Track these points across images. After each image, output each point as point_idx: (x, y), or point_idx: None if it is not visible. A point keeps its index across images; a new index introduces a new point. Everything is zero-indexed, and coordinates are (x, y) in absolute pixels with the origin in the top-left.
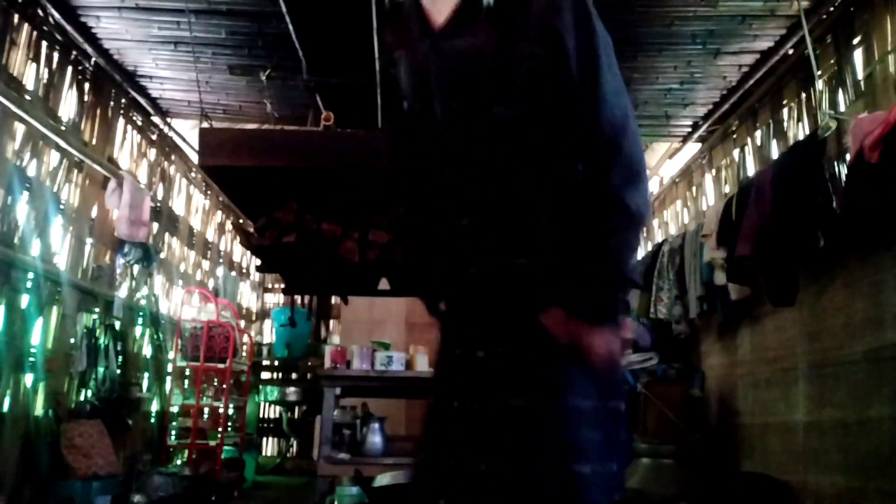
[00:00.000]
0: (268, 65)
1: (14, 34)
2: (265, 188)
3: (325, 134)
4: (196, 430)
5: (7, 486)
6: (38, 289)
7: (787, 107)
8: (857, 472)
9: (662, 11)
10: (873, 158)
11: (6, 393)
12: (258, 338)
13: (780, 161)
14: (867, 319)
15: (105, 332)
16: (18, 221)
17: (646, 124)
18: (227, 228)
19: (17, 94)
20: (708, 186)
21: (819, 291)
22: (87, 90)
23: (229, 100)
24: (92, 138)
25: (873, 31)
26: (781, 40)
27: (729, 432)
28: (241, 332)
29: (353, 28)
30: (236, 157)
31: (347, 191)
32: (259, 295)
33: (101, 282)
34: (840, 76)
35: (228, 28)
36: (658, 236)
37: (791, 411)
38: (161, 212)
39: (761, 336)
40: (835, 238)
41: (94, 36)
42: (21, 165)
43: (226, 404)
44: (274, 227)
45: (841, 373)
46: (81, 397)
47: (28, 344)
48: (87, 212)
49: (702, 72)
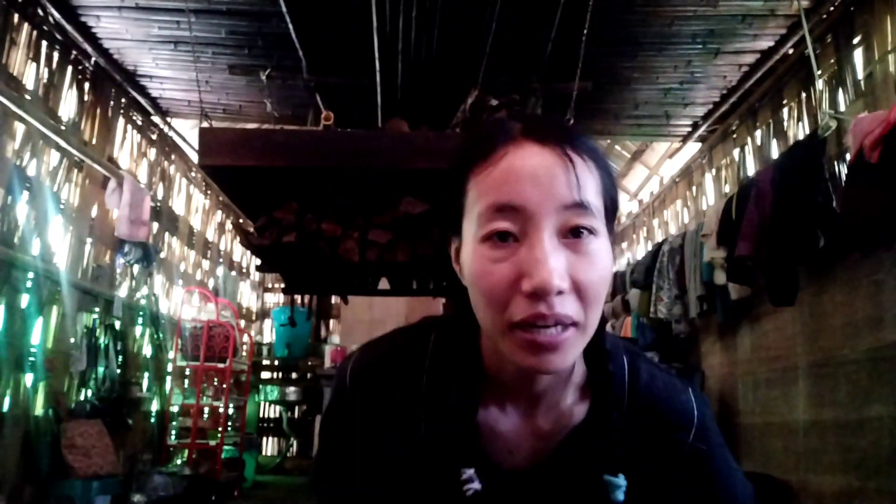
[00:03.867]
0: (268, 64)
1: (14, 34)
2: (265, 188)
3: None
4: (196, 430)
5: (7, 486)
6: (38, 289)
7: (787, 106)
8: (857, 472)
9: (662, 11)
10: (873, 158)
11: (6, 393)
12: (258, 337)
13: (781, 161)
14: (867, 319)
15: (105, 332)
16: (18, 221)
17: (646, 124)
18: (227, 228)
19: (17, 94)
20: (708, 186)
21: (819, 291)
22: (86, 90)
23: (229, 99)
24: (92, 138)
25: (873, 30)
26: (781, 40)
27: (729, 432)
28: (241, 332)
29: (353, 28)
30: (236, 156)
31: (347, 191)
32: (259, 295)
33: (101, 282)
34: (840, 76)
35: (228, 28)
36: (658, 236)
37: (791, 411)
38: (161, 211)
39: (761, 336)
40: (835, 238)
41: (94, 35)
42: (21, 165)
43: (226, 404)
44: (274, 227)
45: (841, 373)
46: (81, 397)
47: (28, 344)
48: (87, 211)
49: (702, 72)
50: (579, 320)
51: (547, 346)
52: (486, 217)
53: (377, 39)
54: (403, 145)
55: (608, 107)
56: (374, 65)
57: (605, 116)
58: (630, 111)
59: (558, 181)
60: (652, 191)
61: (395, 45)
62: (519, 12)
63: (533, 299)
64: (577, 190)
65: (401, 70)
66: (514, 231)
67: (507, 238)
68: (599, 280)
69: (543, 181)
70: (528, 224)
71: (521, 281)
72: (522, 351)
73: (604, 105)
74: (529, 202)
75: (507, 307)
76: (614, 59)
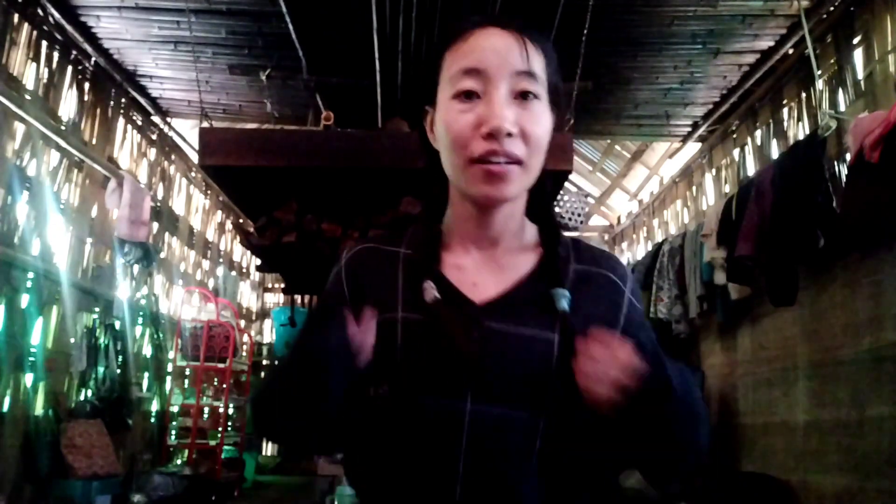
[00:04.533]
0: (268, 64)
1: (14, 34)
2: (265, 188)
3: (325, 134)
4: (196, 430)
5: (7, 486)
6: (38, 289)
7: (787, 106)
8: (857, 472)
9: (662, 11)
10: (873, 158)
11: (6, 393)
12: (258, 337)
13: (781, 161)
14: (867, 319)
15: (105, 332)
16: (18, 221)
17: (646, 124)
18: (227, 228)
19: (17, 94)
20: (708, 186)
21: (819, 291)
22: (86, 90)
23: (229, 99)
24: (92, 138)
25: (873, 30)
26: (781, 40)
27: (729, 432)
28: (241, 332)
29: (353, 28)
30: (236, 156)
31: (347, 191)
32: (259, 295)
33: (101, 282)
34: (840, 76)
35: (228, 28)
36: (658, 236)
37: (791, 411)
38: (161, 211)
39: (761, 336)
40: (835, 238)
41: (94, 35)
42: (21, 165)
43: (226, 404)
44: (274, 227)
45: (841, 373)
46: (81, 397)
47: (28, 344)
48: (87, 211)
49: (702, 71)
50: (524, 159)
51: (498, 175)
52: (457, 79)
53: (377, 39)
54: (403, 145)
55: (608, 107)
56: (374, 65)
57: (605, 116)
58: (630, 111)
59: (513, 53)
60: (652, 191)
61: (395, 45)
62: (519, 12)
63: (488, 139)
64: (527, 61)
65: (401, 70)
66: (478, 90)
67: (471, 96)
68: (541, 132)
69: (502, 52)
70: (488, 84)
71: (481, 126)
72: (478, 181)
73: (604, 105)
74: (490, 66)
75: (468, 146)
76: (614, 59)
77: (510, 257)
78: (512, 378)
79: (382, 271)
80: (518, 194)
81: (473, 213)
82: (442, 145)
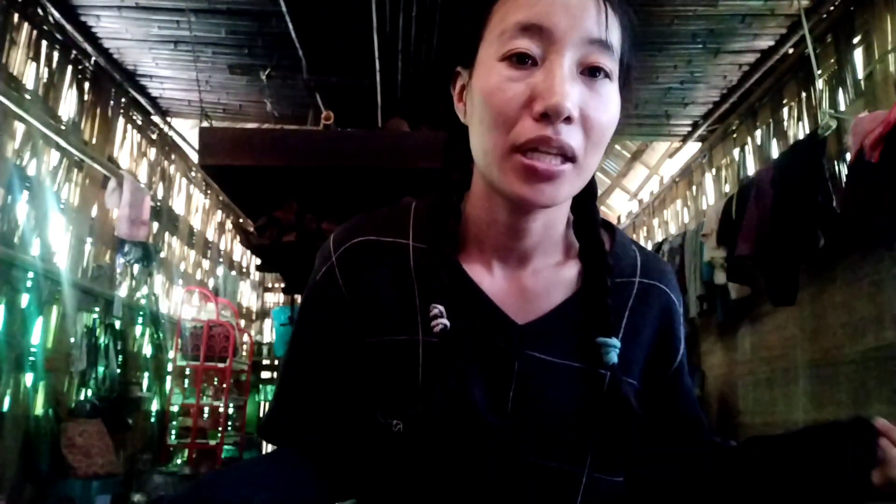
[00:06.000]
0: (268, 64)
1: (14, 33)
2: (265, 188)
3: (325, 134)
4: (196, 430)
5: (7, 486)
6: (38, 288)
7: (788, 106)
8: None
9: (662, 11)
10: (874, 158)
11: (6, 392)
12: (258, 337)
13: (781, 160)
14: (867, 319)
15: (105, 332)
16: (18, 221)
17: (646, 124)
18: (227, 228)
19: (17, 94)
20: (708, 186)
21: (819, 291)
22: (86, 89)
23: (229, 99)
24: (92, 137)
25: (873, 30)
26: (781, 39)
27: (729, 432)
28: (241, 332)
29: (353, 28)
30: (236, 156)
31: (347, 191)
32: (259, 294)
33: (101, 281)
34: (840, 75)
35: (228, 27)
36: (658, 236)
37: (791, 411)
38: (161, 211)
39: (761, 335)
40: (835, 238)
41: (94, 35)
42: (21, 165)
43: (226, 404)
44: (274, 227)
45: (841, 373)
46: (81, 397)
47: (28, 343)
48: (87, 211)
49: (702, 71)
50: (580, 155)
51: (544, 175)
52: (511, 34)
53: (377, 39)
54: (403, 145)
55: None
56: (374, 65)
57: None
58: (630, 111)
59: (588, 14)
60: (652, 190)
61: (395, 44)
62: None
63: (541, 122)
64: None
65: (401, 70)
66: (535, 54)
67: (525, 61)
68: (607, 123)
69: (575, 11)
70: (550, 48)
71: (533, 103)
72: (519, 178)
73: None
74: (558, 26)
75: (512, 128)
76: None
77: (540, 276)
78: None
79: (390, 273)
80: (565, 200)
81: (503, 215)
82: (475, 120)
